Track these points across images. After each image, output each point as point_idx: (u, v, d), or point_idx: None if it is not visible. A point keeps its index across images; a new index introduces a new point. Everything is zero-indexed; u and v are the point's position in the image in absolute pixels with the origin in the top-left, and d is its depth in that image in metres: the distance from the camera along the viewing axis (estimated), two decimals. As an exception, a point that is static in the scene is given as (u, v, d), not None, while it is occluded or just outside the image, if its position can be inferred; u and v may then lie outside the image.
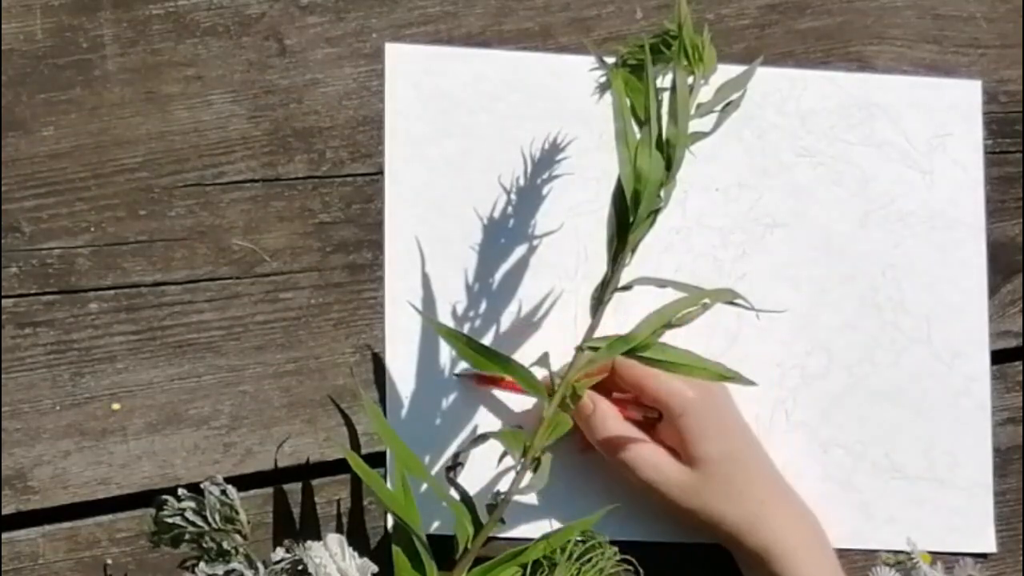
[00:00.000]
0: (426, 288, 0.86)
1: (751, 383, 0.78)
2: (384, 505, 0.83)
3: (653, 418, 0.84)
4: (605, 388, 0.84)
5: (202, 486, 0.75)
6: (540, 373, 0.79)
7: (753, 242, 0.89)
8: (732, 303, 0.78)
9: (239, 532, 0.74)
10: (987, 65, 0.93)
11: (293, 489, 0.84)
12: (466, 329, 0.86)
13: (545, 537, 0.81)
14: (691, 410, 0.82)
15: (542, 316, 0.87)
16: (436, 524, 0.84)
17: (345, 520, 0.85)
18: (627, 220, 0.75)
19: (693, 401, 0.82)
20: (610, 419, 0.83)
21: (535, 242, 0.87)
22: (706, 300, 0.78)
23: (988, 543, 0.89)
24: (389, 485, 0.84)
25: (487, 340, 0.86)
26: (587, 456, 0.85)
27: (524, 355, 0.81)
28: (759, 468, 0.85)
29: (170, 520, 0.74)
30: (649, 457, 0.83)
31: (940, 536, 0.89)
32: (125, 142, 0.84)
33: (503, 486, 0.79)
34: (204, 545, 0.75)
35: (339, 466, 0.84)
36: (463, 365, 0.85)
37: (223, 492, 0.75)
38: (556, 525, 0.84)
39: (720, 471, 0.82)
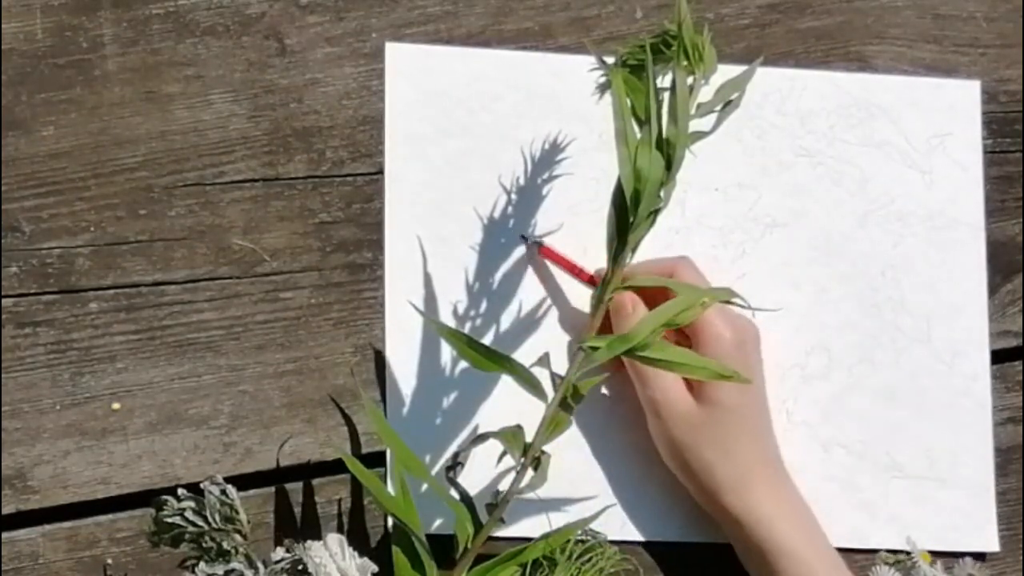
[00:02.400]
0: (426, 288, 0.86)
1: (747, 381, 0.78)
2: (383, 508, 0.83)
3: (680, 342, 0.84)
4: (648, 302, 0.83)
5: (202, 486, 0.75)
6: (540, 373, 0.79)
7: (752, 242, 0.89)
8: (731, 303, 0.78)
9: (239, 532, 0.74)
10: (987, 65, 0.93)
11: (293, 489, 0.84)
12: (466, 329, 0.86)
13: (545, 537, 0.81)
14: (720, 349, 0.82)
15: (542, 316, 0.87)
16: (436, 523, 0.84)
17: (345, 519, 0.85)
18: (627, 220, 0.75)
19: (725, 340, 0.82)
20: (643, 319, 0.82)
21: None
22: (705, 300, 0.78)
23: (991, 542, 0.89)
24: (389, 484, 0.84)
25: (487, 340, 0.86)
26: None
27: (524, 355, 0.81)
28: (762, 433, 0.85)
29: (170, 520, 0.74)
30: (662, 378, 0.82)
31: (942, 535, 0.89)
32: (125, 142, 0.84)
33: (503, 486, 0.79)
34: (204, 545, 0.75)
35: (339, 465, 0.84)
36: (534, 231, 0.86)
37: (223, 492, 0.74)
38: (556, 525, 0.84)
39: (725, 419, 0.82)
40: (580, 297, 0.87)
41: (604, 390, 0.87)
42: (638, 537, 0.87)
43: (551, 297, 0.87)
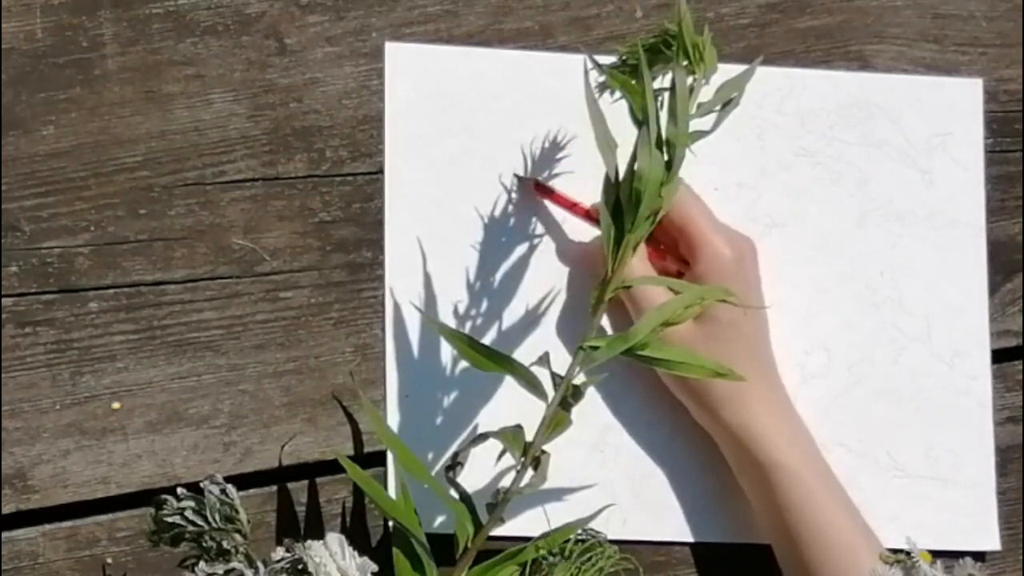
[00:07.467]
0: (426, 287, 0.86)
1: (743, 379, 0.78)
2: (381, 509, 0.83)
3: (682, 271, 0.84)
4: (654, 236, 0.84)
5: (202, 485, 0.75)
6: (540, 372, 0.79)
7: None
8: (729, 302, 0.78)
9: (239, 531, 0.74)
10: (987, 64, 0.93)
11: (293, 488, 0.84)
12: (466, 328, 0.86)
13: (544, 536, 0.81)
14: (719, 266, 0.82)
15: (542, 316, 0.87)
16: (436, 523, 0.84)
17: (347, 518, 0.85)
18: (627, 220, 0.75)
19: (724, 257, 0.82)
20: (638, 254, 0.82)
21: (535, 242, 0.87)
22: (704, 299, 0.78)
23: (992, 541, 0.89)
24: (390, 483, 0.84)
25: (487, 339, 0.86)
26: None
27: (524, 355, 0.81)
28: (759, 348, 0.85)
29: (170, 519, 0.74)
30: (658, 296, 0.82)
31: (943, 534, 0.89)
32: (125, 141, 0.84)
33: (503, 485, 0.79)
34: (204, 544, 0.75)
35: (339, 465, 0.84)
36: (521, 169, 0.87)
37: (223, 491, 0.74)
38: (556, 524, 0.84)
39: (722, 334, 0.82)
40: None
41: (608, 385, 0.87)
42: (640, 537, 0.87)
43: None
